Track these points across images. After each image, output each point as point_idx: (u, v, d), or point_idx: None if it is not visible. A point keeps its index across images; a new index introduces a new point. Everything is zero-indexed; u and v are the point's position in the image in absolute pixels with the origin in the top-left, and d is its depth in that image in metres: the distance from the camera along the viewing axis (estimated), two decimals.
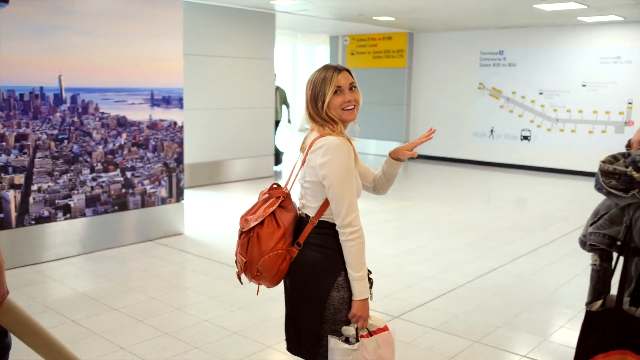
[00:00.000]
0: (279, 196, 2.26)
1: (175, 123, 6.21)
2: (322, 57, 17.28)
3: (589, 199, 6.92)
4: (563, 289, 4.90)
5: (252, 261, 2.27)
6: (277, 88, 11.01)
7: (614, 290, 2.12)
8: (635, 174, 1.87)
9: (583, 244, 2.35)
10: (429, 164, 12.36)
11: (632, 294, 1.88)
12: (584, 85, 11.01)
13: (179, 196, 6.33)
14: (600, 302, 1.88)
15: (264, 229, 2.21)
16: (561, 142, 11.36)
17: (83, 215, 5.50)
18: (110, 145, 5.66)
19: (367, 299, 2.13)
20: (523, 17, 10.02)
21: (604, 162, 1.93)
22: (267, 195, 2.32)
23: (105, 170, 5.64)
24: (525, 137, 11.83)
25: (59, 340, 2.47)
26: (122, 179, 5.76)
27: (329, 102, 2.20)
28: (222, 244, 6.04)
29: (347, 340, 2.14)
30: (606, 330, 1.86)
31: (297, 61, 21.11)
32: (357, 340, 2.13)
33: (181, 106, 6.25)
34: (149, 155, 5.98)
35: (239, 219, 2.36)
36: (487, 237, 6.50)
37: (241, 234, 2.33)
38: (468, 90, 12.38)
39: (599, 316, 1.87)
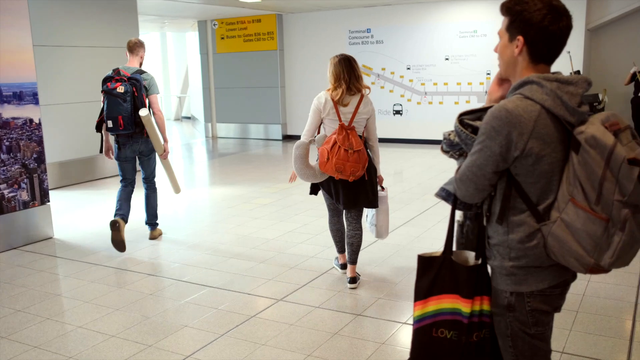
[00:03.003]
0: (349, 127, 4.14)
1: (31, 120, 5.75)
2: (193, 43, 16.81)
3: None
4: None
5: (364, 163, 4.10)
6: None
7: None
8: (454, 139, 1.98)
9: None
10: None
11: (468, 249, 2.00)
12: (447, 59, 11.55)
13: (44, 198, 5.91)
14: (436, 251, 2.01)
15: (363, 150, 4.11)
16: (431, 114, 11.88)
17: None
18: None
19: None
20: None
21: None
22: (343, 130, 4.09)
23: None
24: (398, 112, 12.24)
25: None
26: None
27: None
28: (95, 244, 5.72)
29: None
30: (437, 276, 1.99)
31: (168, 48, 20.41)
32: (382, 189, 4.43)
33: (36, 102, 5.80)
34: (4, 156, 5.51)
35: (337, 148, 4.04)
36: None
37: (353, 152, 4.03)
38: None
39: (430, 262, 2.01)
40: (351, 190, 4.17)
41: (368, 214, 4.57)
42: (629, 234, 1.67)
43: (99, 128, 5.40)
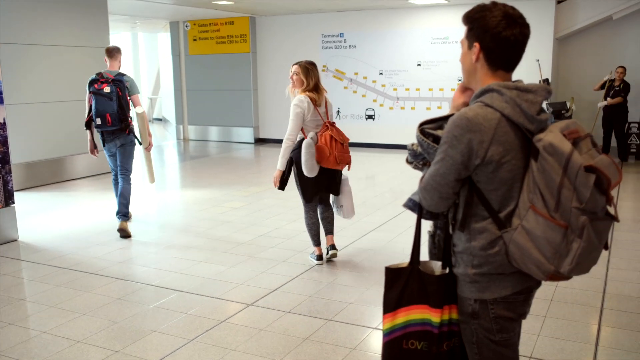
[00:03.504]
0: (332, 123, 4.81)
1: None
2: (164, 43, 16.63)
3: None
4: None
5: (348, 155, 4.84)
6: None
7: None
8: (417, 149, 2.00)
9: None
10: (279, 148, 12.41)
11: (441, 259, 2.01)
12: (419, 65, 11.65)
13: (9, 200, 5.77)
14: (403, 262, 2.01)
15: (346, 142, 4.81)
16: (403, 119, 11.95)
17: None
18: None
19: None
20: (360, 0, 10.31)
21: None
22: (329, 126, 4.71)
23: None
24: (370, 117, 12.29)
25: None
26: None
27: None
28: (62, 247, 5.60)
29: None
30: (405, 287, 1.99)
31: (139, 49, 20.18)
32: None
33: (1, 101, 5.66)
34: None
35: (333, 141, 4.67)
36: (337, 216, 6.64)
37: (343, 144, 4.74)
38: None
39: (397, 273, 2.02)
40: (327, 179, 4.83)
41: (334, 199, 5.06)
42: (587, 240, 1.69)
43: (88, 126, 5.92)
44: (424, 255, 2.06)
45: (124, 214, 5.99)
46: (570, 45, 11.41)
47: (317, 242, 4.99)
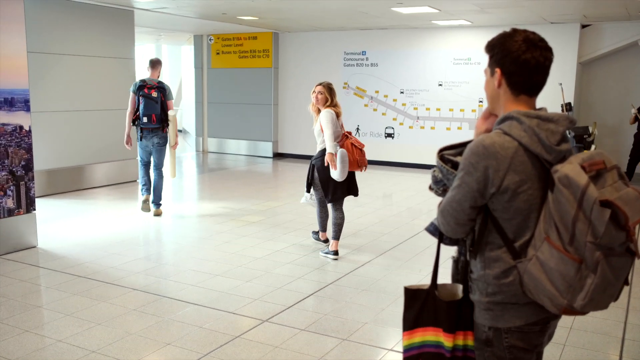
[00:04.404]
0: (349, 132, 5.57)
1: (21, 127, 5.69)
2: (187, 56, 16.81)
3: None
4: (427, 280, 5.05)
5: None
6: None
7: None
8: (437, 175, 2.00)
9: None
10: (298, 163, 12.45)
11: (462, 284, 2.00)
12: (440, 85, 11.63)
13: (30, 206, 5.83)
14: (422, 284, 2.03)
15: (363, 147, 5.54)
16: (422, 138, 11.92)
17: None
18: None
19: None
20: (383, 19, 10.37)
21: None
22: (347, 137, 5.49)
23: None
24: (389, 135, 12.28)
25: None
26: None
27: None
28: (80, 255, 5.63)
29: None
30: (422, 308, 2.00)
31: (162, 60, 20.40)
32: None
33: (27, 109, 5.74)
34: None
35: (354, 148, 5.45)
36: (355, 234, 6.63)
37: (362, 149, 5.46)
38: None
39: (416, 294, 2.03)
40: (349, 182, 5.58)
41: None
42: (601, 276, 1.65)
43: (134, 122, 7.02)
44: (445, 278, 2.05)
45: (157, 203, 7.26)
46: (594, 70, 11.33)
47: (323, 229, 5.97)
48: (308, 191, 5.75)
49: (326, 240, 5.97)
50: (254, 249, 5.93)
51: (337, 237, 5.66)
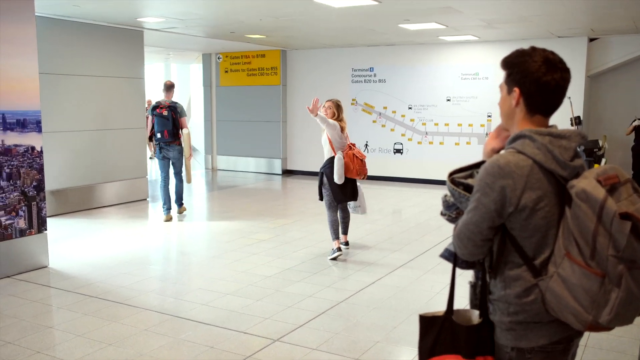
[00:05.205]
0: (353, 144, 6.26)
1: (33, 148, 5.74)
2: (196, 74, 16.93)
3: None
4: (438, 298, 5.06)
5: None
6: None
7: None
8: (449, 199, 2.00)
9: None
10: (307, 180, 12.45)
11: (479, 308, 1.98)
12: (448, 100, 11.64)
13: (41, 226, 5.86)
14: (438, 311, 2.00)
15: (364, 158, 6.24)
16: (431, 154, 11.91)
17: None
18: None
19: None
20: (390, 35, 10.42)
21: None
22: (351, 146, 6.16)
23: None
24: (398, 150, 12.27)
25: None
26: None
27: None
28: (91, 275, 5.64)
29: None
30: (439, 336, 1.95)
31: (171, 79, 20.55)
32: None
33: (39, 130, 5.79)
34: (3, 183, 5.48)
35: (355, 158, 6.08)
36: (365, 251, 6.61)
37: (362, 160, 6.13)
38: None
39: (431, 321, 1.98)
40: (350, 187, 6.24)
41: (350, 203, 6.48)
42: (625, 290, 1.64)
43: (150, 139, 8.17)
44: (461, 303, 2.02)
45: (180, 203, 8.46)
46: (603, 83, 11.31)
47: (336, 237, 6.26)
48: (321, 198, 6.31)
49: (339, 248, 6.25)
50: (265, 267, 5.92)
51: (345, 231, 6.49)
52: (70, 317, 4.57)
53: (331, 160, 6.12)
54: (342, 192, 6.16)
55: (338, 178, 6.02)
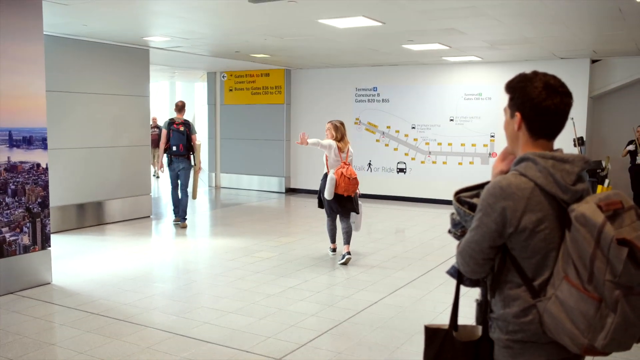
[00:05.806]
0: (348, 164, 6.76)
1: (38, 165, 5.78)
2: (201, 93, 17.05)
3: None
4: (440, 318, 5.04)
5: (356, 186, 6.73)
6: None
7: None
8: (455, 217, 2.03)
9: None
10: (310, 198, 12.46)
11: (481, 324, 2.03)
12: (451, 120, 11.69)
13: (45, 243, 5.87)
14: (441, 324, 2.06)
15: (356, 177, 6.76)
16: (434, 173, 11.93)
17: None
18: None
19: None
20: (393, 55, 10.50)
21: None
22: (344, 166, 6.66)
23: None
24: (401, 170, 12.30)
25: None
26: None
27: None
28: (94, 292, 5.64)
29: None
30: (441, 348, 2.00)
31: (176, 97, 20.70)
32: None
33: (45, 147, 5.84)
34: (8, 200, 5.51)
35: (343, 176, 6.61)
36: (368, 270, 6.60)
37: (351, 179, 6.66)
38: (345, 125, 12.68)
39: (435, 333, 2.03)
40: (345, 203, 6.80)
41: (353, 218, 6.97)
42: (621, 315, 1.65)
43: (165, 151, 8.89)
44: (468, 321, 2.05)
45: (184, 217, 9.10)
46: (606, 104, 11.35)
47: (333, 240, 7.11)
48: (319, 206, 7.08)
49: (334, 250, 7.13)
50: (268, 286, 5.92)
51: (347, 242, 6.88)
52: (73, 334, 4.56)
53: (326, 176, 6.80)
54: (329, 207, 6.85)
55: (328, 195, 6.66)
